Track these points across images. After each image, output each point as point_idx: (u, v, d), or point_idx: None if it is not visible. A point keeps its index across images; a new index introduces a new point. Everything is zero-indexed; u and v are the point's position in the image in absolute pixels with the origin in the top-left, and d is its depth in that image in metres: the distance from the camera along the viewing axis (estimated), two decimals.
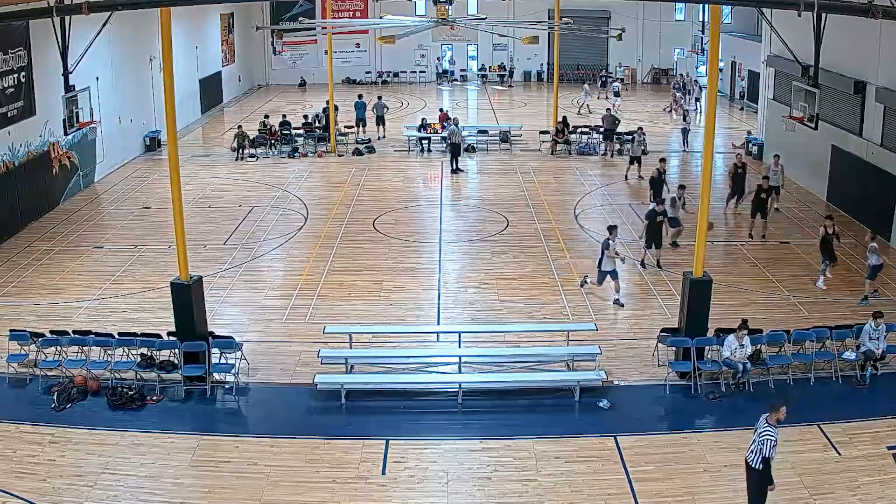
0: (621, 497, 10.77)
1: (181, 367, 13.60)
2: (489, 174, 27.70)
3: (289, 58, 47.46)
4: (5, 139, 21.13)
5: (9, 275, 18.46)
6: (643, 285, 17.78)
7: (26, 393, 13.51)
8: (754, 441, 9.94)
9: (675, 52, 46.83)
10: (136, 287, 17.74)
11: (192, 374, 13.53)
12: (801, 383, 13.62)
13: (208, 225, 21.97)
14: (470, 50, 48.60)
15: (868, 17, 11.41)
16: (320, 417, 12.87)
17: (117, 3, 12.57)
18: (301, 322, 16.09)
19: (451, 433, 12.36)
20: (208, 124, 36.50)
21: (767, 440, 9.75)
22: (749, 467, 10.03)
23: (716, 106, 13.68)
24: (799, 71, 21.80)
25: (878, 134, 21.14)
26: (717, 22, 14.13)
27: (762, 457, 9.78)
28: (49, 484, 10.96)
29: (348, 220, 22.46)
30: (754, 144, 29.18)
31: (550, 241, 20.45)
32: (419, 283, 18.09)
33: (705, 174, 13.34)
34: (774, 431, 9.84)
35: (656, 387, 13.62)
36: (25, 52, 21.76)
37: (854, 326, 14.09)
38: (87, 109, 21.11)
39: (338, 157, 29.84)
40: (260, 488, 10.94)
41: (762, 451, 9.77)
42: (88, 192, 25.36)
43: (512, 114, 38.24)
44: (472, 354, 14.45)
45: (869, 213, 21.39)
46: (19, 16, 15.49)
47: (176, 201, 13.52)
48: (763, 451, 9.77)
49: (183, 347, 13.61)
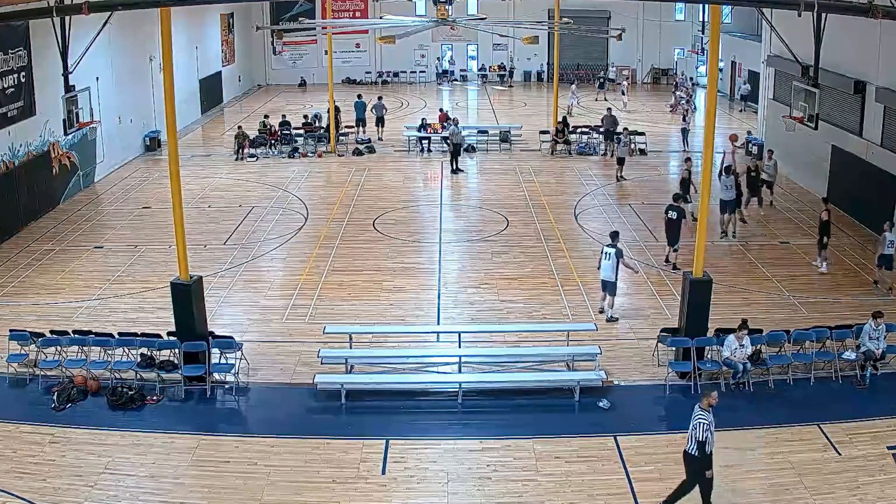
0: (621, 497, 10.77)
1: (181, 367, 13.60)
2: (489, 174, 27.70)
3: (289, 58, 47.47)
4: (5, 139, 21.13)
5: (9, 275, 18.46)
6: (643, 285, 17.77)
7: (26, 393, 13.50)
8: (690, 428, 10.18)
9: (675, 52, 46.83)
10: (136, 287, 17.74)
11: (192, 374, 13.53)
12: (801, 383, 13.62)
13: (208, 225, 21.97)
14: (470, 50, 48.63)
15: (868, 17, 11.40)
16: (320, 417, 12.86)
17: (117, 3, 12.59)
18: (301, 322, 16.09)
19: (451, 433, 12.36)
20: (208, 124, 36.50)
21: (700, 423, 10.02)
22: (687, 455, 10.22)
23: (716, 106, 13.67)
24: (799, 71, 21.83)
25: (878, 134, 21.14)
26: (717, 22, 14.12)
27: (697, 441, 10.04)
28: (49, 484, 10.96)
29: (348, 220, 22.46)
30: (754, 144, 29.17)
31: (550, 241, 20.45)
32: (419, 283, 18.09)
33: (705, 174, 13.33)
34: (707, 416, 10.07)
35: (656, 387, 13.61)
36: (25, 52, 21.76)
37: (854, 326, 14.08)
38: (87, 109, 21.13)
39: (338, 157, 29.84)
40: (260, 488, 10.94)
41: (696, 436, 10.03)
42: (88, 192, 25.37)
43: (512, 114, 38.23)
44: (472, 354, 14.46)
45: (869, 213, 21.40)
46: (19, 16, 15.48)
47: (176, 201, 13.52)
48: (697, 436, 10.02)
49: (183, 347, 13.60)
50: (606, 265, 15.90)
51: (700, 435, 10.00)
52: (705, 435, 9.99)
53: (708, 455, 10.10)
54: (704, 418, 10.05)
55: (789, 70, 24.75)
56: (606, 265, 15.90)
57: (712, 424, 10.06)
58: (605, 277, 16.02)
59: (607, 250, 15.99)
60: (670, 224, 18.58)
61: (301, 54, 47.18)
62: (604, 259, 15.99)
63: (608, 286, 16.05)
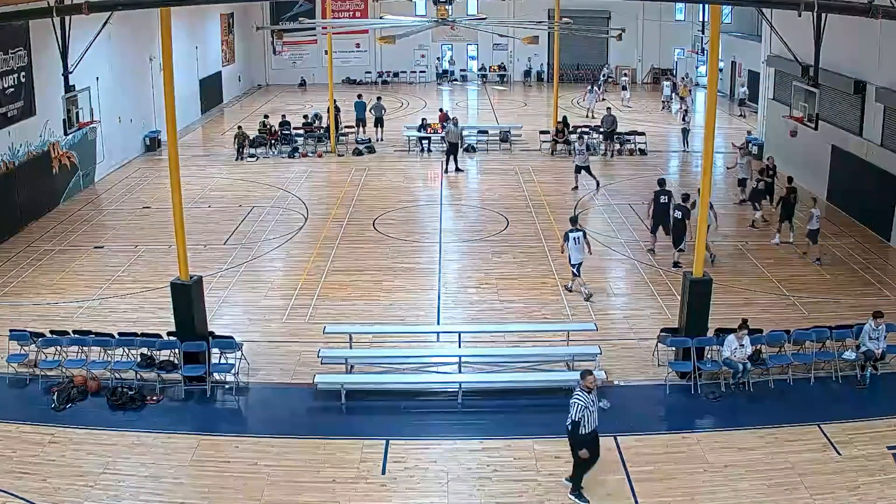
0: (621, 497, 10.77)
1: (181, 367, 13.60)
2: (489, 174, 27.70)
3: (289, 58, 47.46)
4: (5, 139, 21.12)
5: (9, 275, 18.46)
6: (643, 285, 17.78)
7: (26, 393, 13.51)
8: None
9: (675, 52, 46.82)
10: (136, 287, 17.74)
11: (192, 374, 13.53)
12: (801, 383, 13.62)
13: (208, 225, 21.97)
14: (470, 50, 48.63)
15: (868, 17, 11.39)
16: (320, 417, 12.86)
17: (117, 3, 12.57)
18: (301, 322, 16.09)
19: (451, 433, 12.35)
20: (208, 124, 36.50)
21: (576, 404, 10.37)
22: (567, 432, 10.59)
23: (716, 106, 13.67)
24: (799, 71, 21.82)
25: (878, 134, 21.13)
26: (717, 22, 14.12)
27: (571, 420, 10.38)
28: (49, 484, 10.96)
29: (348, 220, 22.46)
30: (754, 145, 29.16)
31: (550, 241, 20.44)
32: (419, 283, 18.09)
33: (705, 174, 13.33)
34: (585, 396, 10.38)
35: (656, 387, 13.61)
36: (25, 52, 21.76)
37: (854, 326, 14.07)
38: (87, 109, 21.14)
39: (338, 157, 29.84)
40: (260, 488, 10.94)
41: (571, 415, 10.38)
42: (88, 192, 25.37)
43: (512, 114, 38.23)
44: (472, 354, 14.45)
45: (869, 213, 21.40)
46: (19, 16, 15.46)
47: (176, 201, 13.52)
48: (571, 415, 10.36)
49: (183, 347, 13.60)
50: (576, 248, 16.89)
51: (575, 415, 10.34)
52: (580, 415, 10.32)
53: (583, 435, 10.42)
54: (581, 399, 10.36)
55: (789, 70, 24.74)
56: (576, 248, 16.89)
57: (591, 405, 10.41)
58: (577, 260, 16.96)
59: (575, 235, 16.88)
60: (676, 224, 18.59)
61: (301, 54, 47.17)
62: (573, 244, 16.87)
63: (578, 267, 16.95)
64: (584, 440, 10.45)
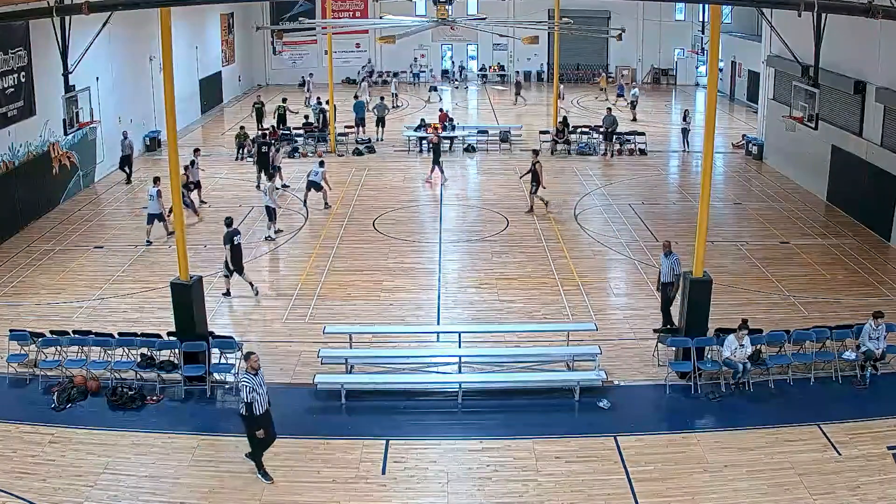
0: (621, 497, 10.77)
1: (181, 367, 13.60)
2: (489, 174, 27.70)
3: (289, 58, 47.45)
4: (5, 139, 21.11)
5: (9, 274, 18.45)
6: (643, 285, 17.77)
7: (26, 393, 13.50)
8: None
9: (675, 52, 46.84)
10: (136, 287, 17.74)
11: (192, 374, 13.53)
12: (801, 383, 13.62)
13: (208, 225, 21.95)
14: (470, 50, 48.63)
15: (868, 17, 11.41)
16: (320, 417, 12.87)
17: (117, 3, 12.58)
18: (301, 322, 16.09)
19: (451, 433, 12.36)
20: (208, 124, 36.47)
21: (244, 387, 10.84)
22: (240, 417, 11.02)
23: (716, 106, 13.66)
24: (799, 71, 21.83)
25: (878, 134, 21.14)
26: (717, 22, 14.12)
27: (244, 403, 10.82)
28: (49, 484, 10.96)
29: (348, 220, 22.46)
30: (754, 145, 29.18)
31: (550, 241, 20.44)
32: (419, 283, 18.08)
33: (705, 174, 13.32)
34: (251, 379, 10.84)
35: (656, 387, 13.60)
36: (25, 52, 21.75)
37: (854, 326, 14.08)
38: (87, 109, 21.13)
39: (338, 157, 29.83)
40: (260, 488, 10.93)
41: (242, 398, 10.82)
42: (88, 192, 25.35)
43: (512, 114, 38.22)
44: (472, 354, 14.45)
45: (869, 213, 21.40)
46: (19, 16, 15.46)
47: (176, 201, 13.51)
48: (243, 398, 10.81)
49: (183, 347, 13.60)
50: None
51: (246, 397, 10.78)
52: (251, 397, 10.78)
53: (258, 416, 10.88)
54: (248, 382, 10.82)
55: (789, 70, 24.76)
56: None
57: (259, 387, 10.89)
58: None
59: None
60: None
61: (301, 54, 47.17)
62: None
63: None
64: (258, 420, 10.90)
